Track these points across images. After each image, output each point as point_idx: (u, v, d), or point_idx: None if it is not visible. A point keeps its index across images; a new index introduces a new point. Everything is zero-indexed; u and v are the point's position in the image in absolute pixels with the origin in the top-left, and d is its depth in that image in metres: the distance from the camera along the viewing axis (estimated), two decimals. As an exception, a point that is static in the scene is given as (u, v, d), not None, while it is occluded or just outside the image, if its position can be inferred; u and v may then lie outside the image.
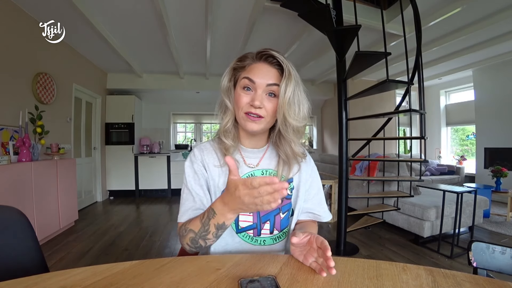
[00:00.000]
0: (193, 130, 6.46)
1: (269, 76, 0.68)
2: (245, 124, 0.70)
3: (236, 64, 0.73)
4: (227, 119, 0.74)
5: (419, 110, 2.17)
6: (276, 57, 0.68)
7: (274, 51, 0.69)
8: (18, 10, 2.52)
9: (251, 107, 0.68)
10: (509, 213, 3.22)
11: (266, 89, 0.68)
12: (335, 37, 2.24)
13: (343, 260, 0.58)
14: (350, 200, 3.26)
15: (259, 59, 0.70)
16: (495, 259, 0.67)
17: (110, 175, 4.81)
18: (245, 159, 0.77)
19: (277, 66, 0.69)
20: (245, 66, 0.71)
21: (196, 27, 3.05)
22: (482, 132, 4.71)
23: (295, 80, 0.68)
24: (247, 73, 0.69)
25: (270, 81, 0.68)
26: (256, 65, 0.70)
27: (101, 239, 2.69)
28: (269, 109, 0.69)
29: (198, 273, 0.52)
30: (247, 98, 0.69)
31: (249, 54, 0.73)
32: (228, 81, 0.74)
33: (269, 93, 0.69)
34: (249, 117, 0.69)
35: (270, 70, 0.69)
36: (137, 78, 4.82)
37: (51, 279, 0.48)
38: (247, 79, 0.69)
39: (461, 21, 3.03)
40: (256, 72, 0.69)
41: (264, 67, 0.69)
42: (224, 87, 0.74)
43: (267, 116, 0.69)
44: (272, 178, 0.49)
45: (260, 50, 0.71)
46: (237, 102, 0.70)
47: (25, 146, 2.36)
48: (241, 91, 0.70)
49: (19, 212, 0.66)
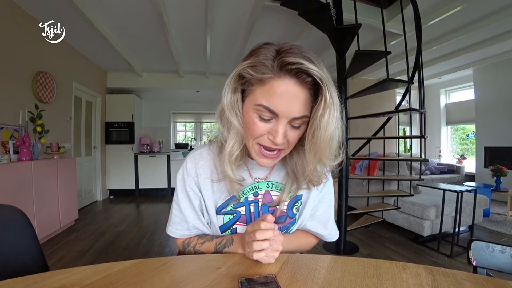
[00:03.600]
0: (193, 129, 6.46)
1: (298, 104, 0.49)
2: (257, 158, 0.56)
3: (248, 72, 0.50)
4: (233, 142, 0.55)
5: (419, 109, 2.17)
6: (313, 74, 0.47)
7: (307, 59, 0.47)
8: (18, 9, 2.51)
9: (269, 141, 0.53)
10: (509, 212, 3.22)
11: (291, 121, 0.51)
12: (335, 36, 2.23)
13: (343, 259, 0.58)
14: (350, 199, 3.26)
15: (284, 73, 0.48)
16: (495, 258, 0.66)
17: (110, 174, 4.81)
18: (252, 173, 0.67)
19: (310, 85, 0.50)
20: (263, 81, 0.49)
21: (196, 26, 3.04)
22: (482, 131, 4.71)
23: (339, 107, 0.50)
24: (266, 96, 0.49)
25: (299, 113, 0.50)
26: (279, 83, 0.48)
27: (101, 238, 2.69)
28: (292, 141, 0.53)
29: (198, 272, 0.52)
30: (264, 128, 0.52)
31: (267, 59, 0.49)
32: (233, 93, 0.54)
33: (293, 125, 0.52)
34: (263, 153, 0.55)
35: (300, 93, 0.49)
36: (137, 77, 4.81)
37: (51, 278, 0.48)
38: (266, 109, 0.50)
39: (461, 20, 3.03)
40: (279, 98, 0.48)
41: (291, 88, 0.48)
42: (227, 103, 0.54)
43: (287, 148, 0.55)
44: (266, 223, 0.51)
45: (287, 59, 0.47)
46: (250, 130, 0.53)
47: (25, 145, 2.36)
48: (255, 117, 0.52)
49: (19, 211, 0.66)
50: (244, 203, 0.65)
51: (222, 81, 0.57)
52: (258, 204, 0.66)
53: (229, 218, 0.65)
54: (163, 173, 5.06)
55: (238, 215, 0.65)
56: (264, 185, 0.67)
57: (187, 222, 0.65)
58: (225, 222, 0.65)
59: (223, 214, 0.65)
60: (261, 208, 0.66)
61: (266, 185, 0.67)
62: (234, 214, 0.65)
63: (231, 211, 0.65)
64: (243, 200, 0.65)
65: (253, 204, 0.66)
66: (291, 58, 0.46)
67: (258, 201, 0.66)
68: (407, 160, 2.84)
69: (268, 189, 0.67)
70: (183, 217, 0.65)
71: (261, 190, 0.66)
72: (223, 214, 0.65)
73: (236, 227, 0.65)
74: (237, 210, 0.65)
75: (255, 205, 0.66)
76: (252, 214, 0.65)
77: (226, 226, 0.65)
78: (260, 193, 0.66)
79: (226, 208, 0.64)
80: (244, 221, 0.65)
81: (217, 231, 0.66)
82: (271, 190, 0.67)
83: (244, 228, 0.64)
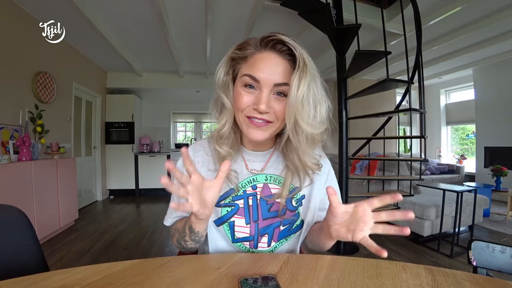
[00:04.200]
0: (193, 129, 6.46)
1: (278, 72, 0.55)
2: (247, 130, 0.58)
3: (235, 53, 0.59)
4: (223, 121, 0.60)
5: (419, 109, 2.17)
6: (287, 43, 0.54)
7: (284, 34, 0.55)
8: (18, 9, 2.51)
9: (255, 111, 0.55)
10: (509, 212, 3.22)
11: (274, 89, 0.55)
12: (335, 36, 2.23)
13: (343, 259, 0.58)
14: (350, 199, 3.26)
15: (264, 47, 0.56)
16: (495, 258, 0.66)
17: (110, 174, 4.81)
18: (248, 164, 0.67)
19: (289, 56, 0.56)
20: (247, 57, 0.57)
21: (196, 25, 3.04)
22: (482, 131, 4.71)
23: (311, 73, 0.54)
24: (249, 67, 0.56)
25: (279, 80, 0.54)
26: (260, 55, 0.56)
27: (101, 238, 2.69)
28: (278, 112, 0.56)
29: (198, 272, 0.52)
30: (249, 99, 0.56)
31: (251, 41, 0.58)
32: (225, 74, 0.60)
33: (277, 93, 0.56)
34: (252, 122, 0.57)
35: (279, 63, 0.55)
36: (137, 77, 4.81)
37: (52, 278, 0.48)
38: (248, 77, 0.55)
39: (461, 20, 3.03)
40: (260, 67, 0.54)
41: (271, 58, 0.55)
42: (219, 81, 0.60)
43: (276, 121, 0.57)
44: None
45: (266, 35, 0.56)
46: (236, 102, 0.57)
47: (25, 145, 2.36)
48: (241, 89, 0.57)
49: (19, 211, 0.66)
50: (243, 195, 0.65)
51: (222, 81, 0.61)
52: (256, 197, 0.65)
53: (227, 210, 0.64)
54: (163, 173, 4.77)
55: (236, 207, 0.64)
56: (262, 178, 0.66)
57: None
58: (223, 214, 0.64)
59: (222, 206, 0.64)
60: (260, 201, 0.65)
61: (264, 178, 0.66)
62: (233, 207, 0.64)
63: (229, 203, 0.64)
64: (241, 193, 0.65)
65: (251, 197, 0.65)
66: (270, 36, 0.55)
67: (257, 194, 0.65)
68: (407, 160, 2.84)
69: (267, 182, 0.66)
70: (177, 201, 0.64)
71: (260, 183, 0.66)
72: (222, 206, 0.64)
73: (234, 220, 0.64)
74: (235, 202, 0.64)
75: (253, 198, 0.65)
76: (250, 207, 0.65)
77: (224, 218, 0.64)
78: (259, 186, 0.66)
79: (225, 200, 0.64)
80: (242, 214, 0.64)
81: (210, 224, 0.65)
82: (270, 183, 0.66)
83: (242, 221, 0.64)
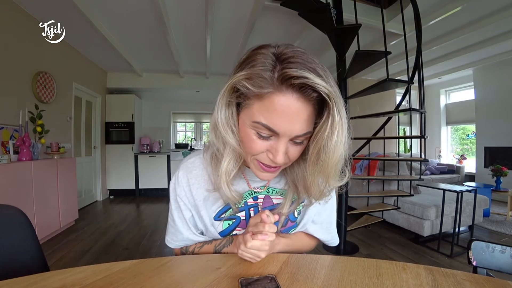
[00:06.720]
0: (193, 129, 6.46)
1: (301, 120, 0.43)
2: (256, 172, 0.52)
3: (243, 85, 0.43)
4: (228, 158, 0.51)
5: (419, 109, 2.17)
6: (319, 90, 0.40)
7: (314, 72, 0.40)
8: (18, 9, 2.51)
9: (269, 160, 0.48)
10: (509, 212, 3.22)
11: (293, 138, 0.46)
12: (335, 36, 2.23)
13: (343, 259, 0.58)
14: (350, 199, 3.26)
15: (286, 87, 0.41)
16: (495, 258, 0.66)
17: (110, 174, 4.81)
18: (250, 183, 0.64)
19: (315, 100, 0.44)
20: (262, 95, 0.43)
21: (196, 26, 3.04)
22: (482, 131, 4.71)
23: (346, 125, 0.44)
24: (266, 113, 0.43)
25: (303, 130, 0.44)
26: (280, 98, 0.42)
27: (101, 238, 2.69)
28: (293, 155, 0.49)
29: (198, 272, 0.52)
30: (263, 146, 0.47)
31: (264, 69, 0.42)
32: (227, 107, 0.47)
33: (295, 141, 0.47)
34: (263, 167, 0.51)
35: (303, 111, 0.43)
36: (137, 77, 4.81)
37: (52, 278, 0.48)
38: (265, 128, 0.44)
39: (461, 20, 3.03)
40: (280, 116, 0.42)
41: (293, 104, 0.42)
42: (221, 119, 0.48)
43: (288, 162, 0.51)
44: (265, 233, 0.49)
45: (287, 70, 0.40)
46: (246, 147, 0.49)
47: (25, 145, 2.36)
48: (253, 134, 0.47)
49: (19, 211, 0.66)
50: (244, 207, 0.63)
51: (222, 81, 0.53)
52: (258, 208, 0.64)
53: (228, 223, 0.63)
54: (163, 173, 5.06)
55: (238, 220, 0.64)
56: (265, 192, 0.65)
57: (182, 233, 0.64)
58: (224, 228, 0.63)
59: (223, 220, 0.63)
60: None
61: (266, 190, 0.65)
62: (234, 220, 0.63)
63: (230, 216, 0.63)
64: (242, 204, 0.63)
65: (252, 208, 0.64)
66: (293, 70, 0.39)
67: (258, 205, 0.65)
68: (407, 160, 2.84)
69: (268, 194, 0.66)
70: (177, 228, 0.65)
71: (261, 195, 0.65)
72: (223, 220, 0.63)
73: (236, 233, 0.63)
74: (237, 215, 0.64)
75: (255, 209, 0.64)
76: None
77: (226, 231, 0.64)
78: (260, 197, 0.65)
79: (225, 214, 0.63)
80: (244, 226, 0.64)
81: (216, 237, 0.65)
82: (271, 194, 0.66)
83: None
